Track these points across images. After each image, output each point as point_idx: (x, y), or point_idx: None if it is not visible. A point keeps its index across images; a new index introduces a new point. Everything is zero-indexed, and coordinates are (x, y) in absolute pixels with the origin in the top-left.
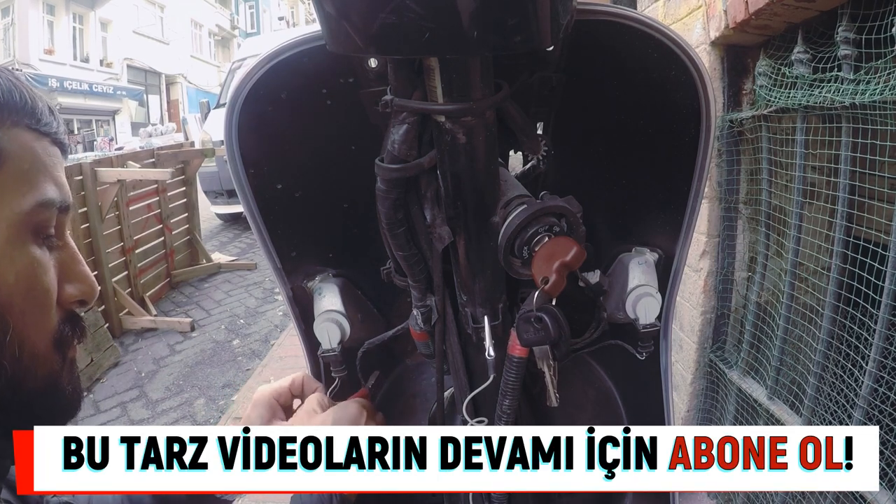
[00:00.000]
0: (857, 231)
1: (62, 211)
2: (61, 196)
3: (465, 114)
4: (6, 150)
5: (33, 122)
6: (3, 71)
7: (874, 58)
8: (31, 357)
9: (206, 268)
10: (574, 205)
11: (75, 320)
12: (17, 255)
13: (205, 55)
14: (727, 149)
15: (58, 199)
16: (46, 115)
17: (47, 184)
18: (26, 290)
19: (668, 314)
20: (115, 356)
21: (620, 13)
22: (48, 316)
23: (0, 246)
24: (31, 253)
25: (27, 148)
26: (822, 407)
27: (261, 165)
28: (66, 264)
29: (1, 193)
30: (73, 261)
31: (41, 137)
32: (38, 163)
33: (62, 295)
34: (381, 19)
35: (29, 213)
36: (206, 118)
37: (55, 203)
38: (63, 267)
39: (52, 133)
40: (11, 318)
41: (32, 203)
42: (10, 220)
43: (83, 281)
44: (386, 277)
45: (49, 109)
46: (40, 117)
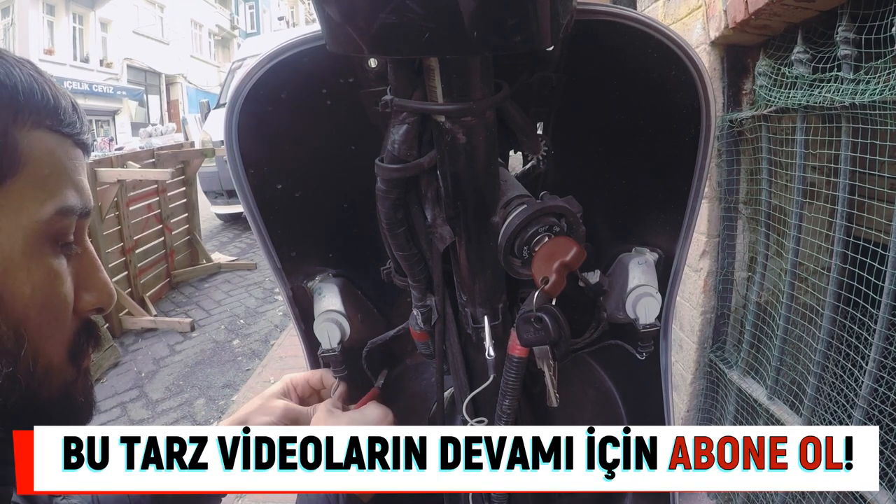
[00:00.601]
0: (857, 231)
1: (82, 217)
2: (82, 202)
3: (465, 114)
4: (26, 155)
5: (56, 122)
6: (25, 64)
7: (874, 58)
8: (46, 369)
9: (206, 268)
10: (574, 205)
11: (91, 329)
12: (34, 266)
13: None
14: (727, 149)
15: (78, 206)
16: (70, 113)
17: (68, 190)
18: (43, 302)
19: (668, 314)
20: (115, 356)
21: (620, 13)
22: (64, 327)
23: (17, 257)
24: (49, 263)
25: (48, 152)
26: (822, 407)
27: (261, 165)
28: (84, 271)
29: (19, 201)
30: (92, 268)
31: (63, 139)
32: (60, 167)
33: (79, 303)
34: (381, 19)
35: (48, 222)
36: (206, 118)
37: (76, 210)
38: (81, 274)
39: (74, 134)
40: (27, 332)
41: (52, 211)
42: (28, 230)
43: (101, 289)
44: (386, 277)
45: (73, 107)
46: (63, 117)
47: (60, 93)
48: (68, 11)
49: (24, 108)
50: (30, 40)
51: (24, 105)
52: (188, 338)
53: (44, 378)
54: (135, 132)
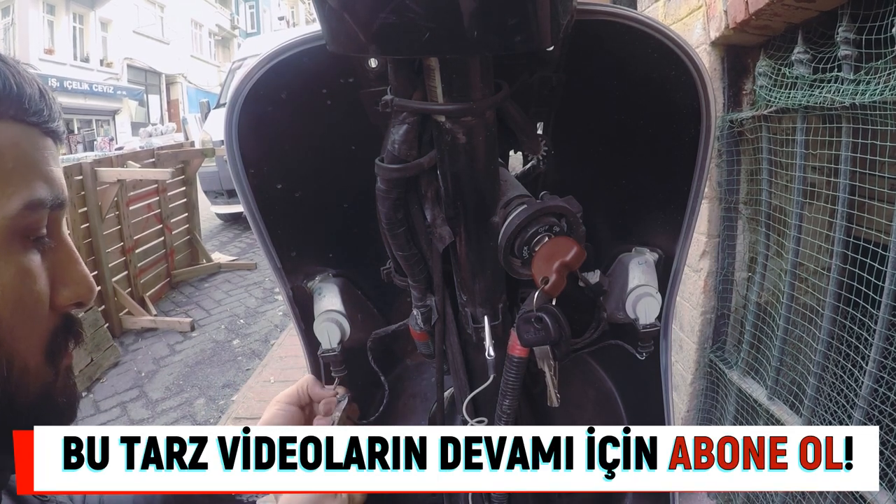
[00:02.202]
0: (857, 231)
1: (55, 208)
2: (53, 193)
3: (465, 114)
4: None
5: (20, 112)
6: None
7: (874, 58)
8: (22, 373)
9: (206, 268)
10: (574, 205)
11: (70, 324)
12: (2, 265)
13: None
14: (727, 149)
15: (49, 198)
16: (36, 101)
17: (36, 182)
18: (14, 302)
19: (668, 314)
20: (115, 356)
21: (620, 13)
22: (39, 327)
23: None
24: (19, 261)
25: (12, 144)
26: (822, 407)
27: (261, 165)
28: (61, 265)
29: None
30: (70, 260)
31: (29, 129)
32: (26, 159)
33: (56, 299)
34: (381, 19)
35: (15, 218)
36: (206, 118)
37: (45, 202)
38: (57, 268)
39: (42, 123)
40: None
41: (19, 206)
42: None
43: (80, 282)
44: (386, 277)
45: (40, 93)
46: (28, 106)
47: (26, 80)
48: (68, 11)
49: None
50: (30, 40)
51: None
52: (188, 338)
53: (20, 381)
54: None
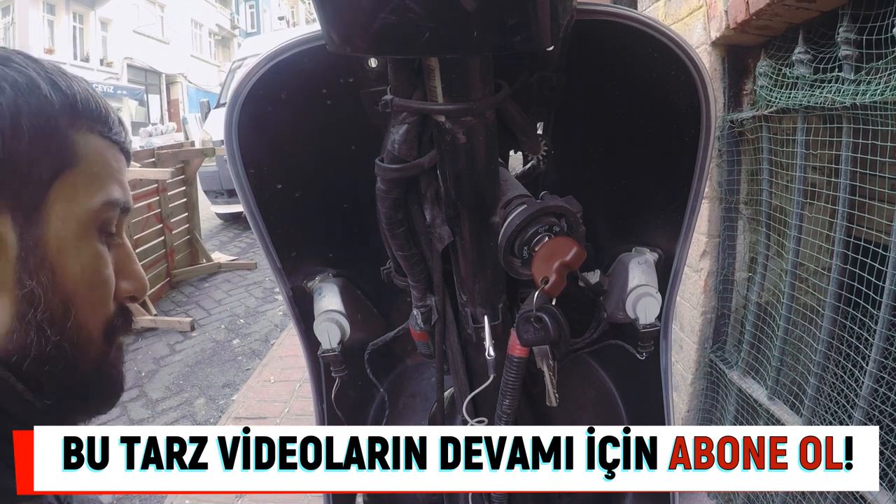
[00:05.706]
0: (857, 231)
1: (124, 211)
2: (124, 198)
3: (465, 114)
4: (81, 153)
5: (106, 130)
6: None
7: (875, 58)
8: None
9: (206, 267)
10: (574, 205)
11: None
12: (83, 248)
13: (205, 55)
14: (727, 149)
15: (122, 201)
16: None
17: (113, 186)
18: (90, 281)
19: (668, 314)
20: None
21: (620, 13)
22: (104, 308)
23: (69, 239)
24: (96, 248)
25: (99, 153)
26: (823, 407)
27: (261, 165)
28: (122, 261)
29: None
30: (128, 259)
31: (111, 145)
32: (108, 166)
33: (117, 289)
34: (381, 19)
35: (97, 211)
36: (206, 118)
37: (119, 204)
38: (119, 264)
39: (120, 142)
40: (74, 306)
41: (101, 202)
42: (80, 216)
43: (136, 278)
44: (386, 277)
45: (118, 120)
46: (112, 126)
47: (110, 107)
48: (68, 10)
49: (81, 115)
50: (30, 39)
51: (82, 112)
52: (188, 337)
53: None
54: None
